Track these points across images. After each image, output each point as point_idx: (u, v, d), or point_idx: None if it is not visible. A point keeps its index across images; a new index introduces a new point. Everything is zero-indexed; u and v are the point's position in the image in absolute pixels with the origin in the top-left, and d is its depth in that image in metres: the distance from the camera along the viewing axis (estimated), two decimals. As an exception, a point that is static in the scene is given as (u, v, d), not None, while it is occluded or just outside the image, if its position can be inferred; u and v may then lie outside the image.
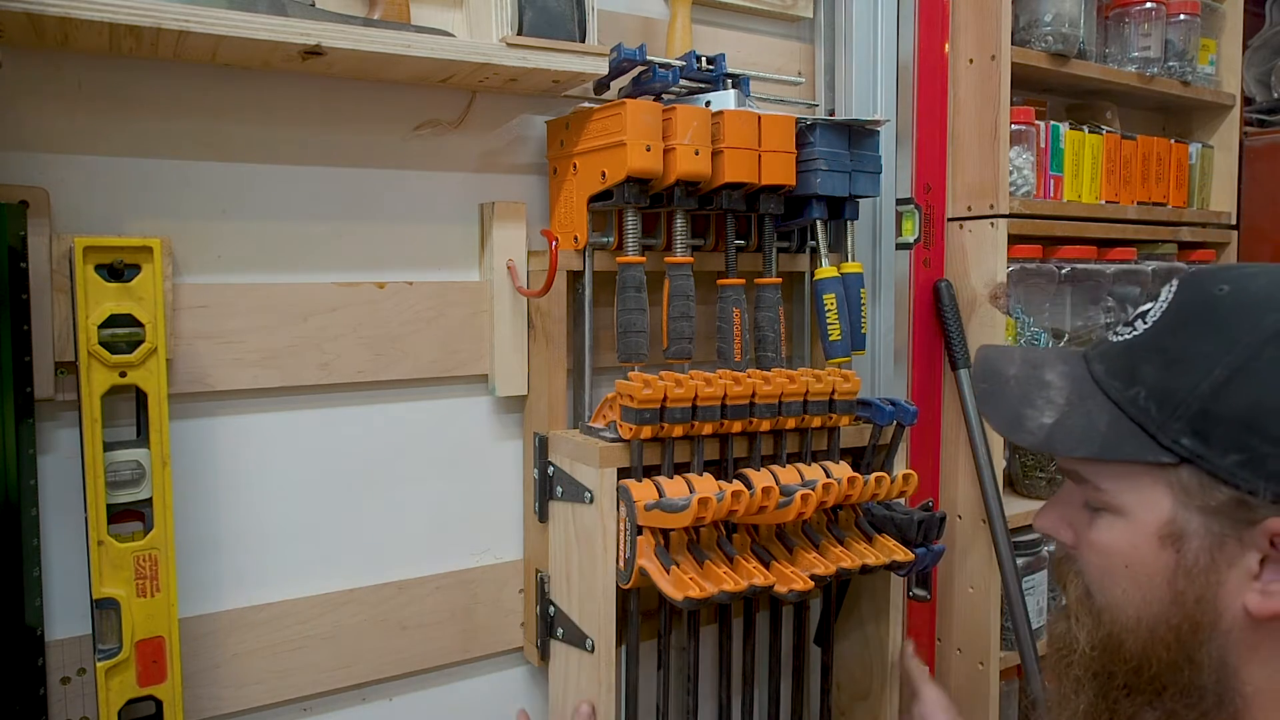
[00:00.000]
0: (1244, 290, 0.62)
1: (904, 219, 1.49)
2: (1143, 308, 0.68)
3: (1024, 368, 0.73)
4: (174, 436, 0.98)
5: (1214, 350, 0.60)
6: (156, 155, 1.01)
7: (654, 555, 1.03)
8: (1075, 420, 0.66)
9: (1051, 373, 0.70)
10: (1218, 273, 0.65)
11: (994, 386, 0.74)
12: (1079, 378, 0.68)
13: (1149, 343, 0.65)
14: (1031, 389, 0.70)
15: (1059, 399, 0.68)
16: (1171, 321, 0.64)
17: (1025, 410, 0.69)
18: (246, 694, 1.07)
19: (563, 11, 1.06)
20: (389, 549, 1.17)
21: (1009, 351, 0.77)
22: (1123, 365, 0.66)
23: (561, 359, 1.18)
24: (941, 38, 1.52)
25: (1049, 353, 0.74)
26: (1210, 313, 0.62)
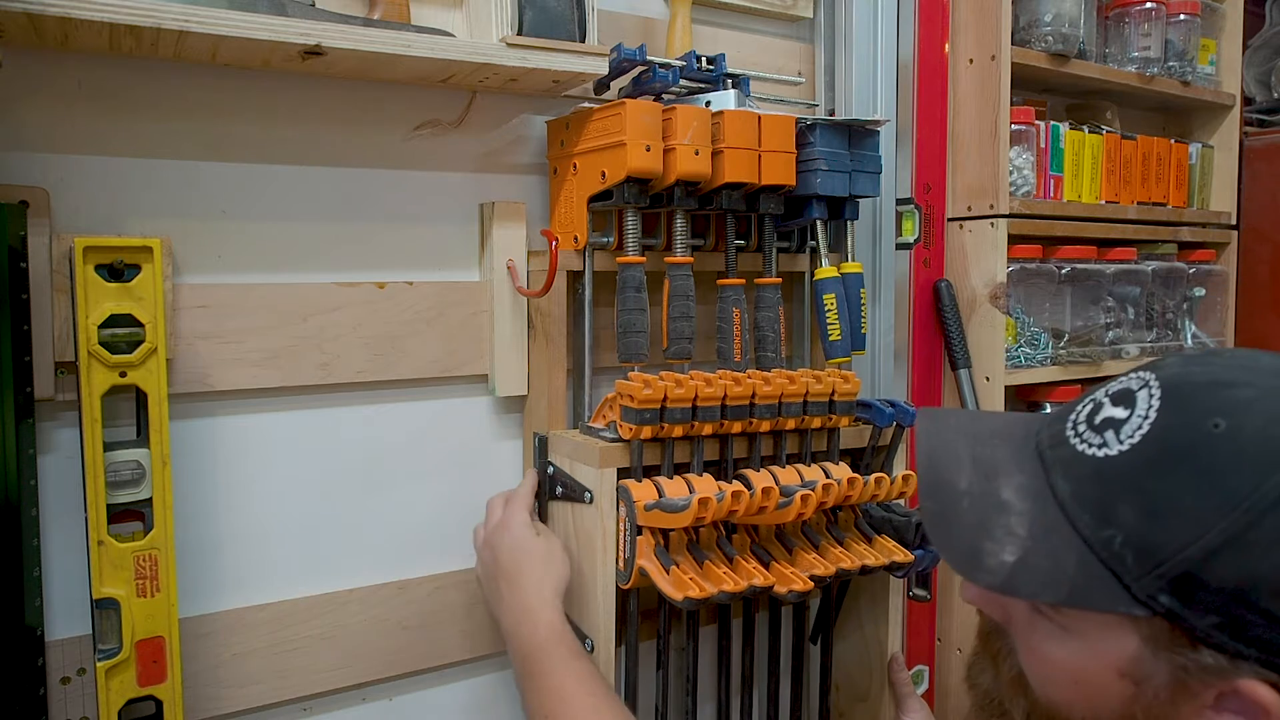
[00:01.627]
0: (1241, 430, 0.55)
1: (904, 219, 1.49)
2: (1114, 412, 0.60)
3: (977, 479, 0.64)
4: (174, 436, 0.98)
5: (1207, 510, 0.54)
6: (156, 155, 1.01)
7: (654, 555, 1.03)
8: (1040, 560, 0.59)
9: (1009, 488, 0.62)
10: (1210, 396, 0.57)
11: (944, 507, 0.65)
12: (1041, 497, 0.61)
13: (1126, 475, 0.57)
14: (989, 513, 0.62)
15: (1020, 529, 0.60)
16: (1155, 455, 0.57)
17: (983, 544, 0.61)
18: (246, 694, 1.07)
19: (563, 11, 1.06)
20: (389, 549, 1.17)
21: (955, 447, 0.67)
22: (1094, 495, 0.58)
23: (561, 359, 1.18)
24: (941, 38, 1.52)
25: (1003, 452, 0.65)
26: (1203, 458, 0.55)
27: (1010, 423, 0.69)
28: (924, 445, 0.69)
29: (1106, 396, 0.62)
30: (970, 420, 0.73)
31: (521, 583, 1.02)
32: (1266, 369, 0.58)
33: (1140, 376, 0.61)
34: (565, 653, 0.95)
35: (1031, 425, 0.66)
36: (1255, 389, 0.57)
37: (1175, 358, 0.62)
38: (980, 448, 0.66)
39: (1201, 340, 1.92)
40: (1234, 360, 0.60)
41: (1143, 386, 0.60)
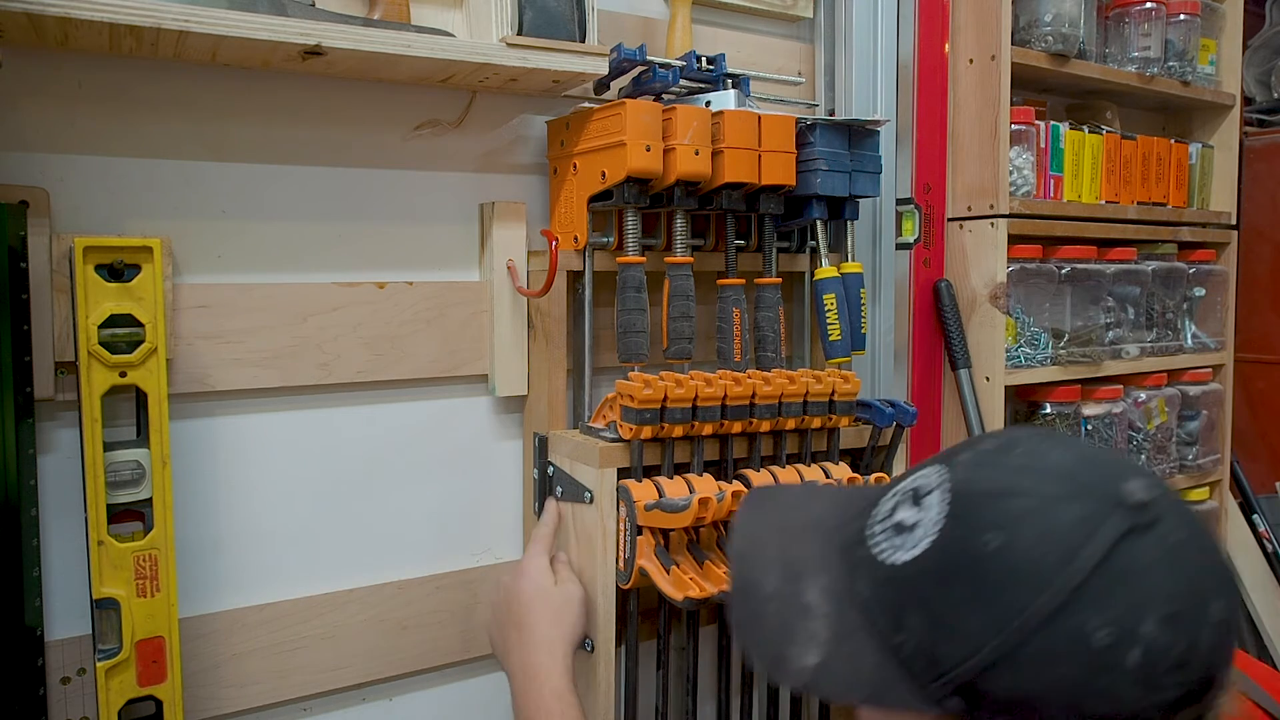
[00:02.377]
0: (1013, 548, 0.55)
1: (904, 219, 1.49)
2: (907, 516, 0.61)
3: (783, 581, 0.66)
4: (174, 436, 0.98)
5: (982, 627, 0.55)
6: (156, 155, 1.01)
7: (654, 555, 1.03)
8: (840, 664, 0.61)
9: (813, 590, 0.64)
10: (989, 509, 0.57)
11: (751, 612, 0.67)
12: (842, 600, 0.62)
13: (914, 584, 0.59)
14: (792, 617, 0.64)
15: (822, 633, 0.62)
16: (937, 568, 0.58)
17: (787, 649, 0.63)
18: (246, 694, 1.07)
19: (563, 11, 1.06)
20: (389, 549, 1.17)
21: (766, 546, 0.69)
22: (889, 600, 0.60)
23: (561, 359, 1.18)
24: (941, 38, 1.52)
25: (812, 549, 0.66)
26: (977, 575, 0.56)
27: (827, 510, 0.70)
28: (736, 545, 0.72)
29: (905, 494, 0.63)
30: (789, 509, 0.73)
31: (533, 636, 0.99)
32: (1051, 471, 0.58)
33: (938, 472, 0.62)
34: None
35: (848, 511, 0.68)
36: (1033, 498, 0.57)
37: (970, 454, 0.62)
38: (791, 545, 0.68)
39: (1201, 340, 1.92)
40: (1023, 460, 0.60)
41: (935, 488, 0.61)
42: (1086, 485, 0.57)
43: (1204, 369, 1.89)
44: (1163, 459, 1.81)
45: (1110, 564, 0.54)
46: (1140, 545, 0.54)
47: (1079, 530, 0.55)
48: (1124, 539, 0.54)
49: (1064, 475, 0.58)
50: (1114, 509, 0.55)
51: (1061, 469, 0.58)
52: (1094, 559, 0.54)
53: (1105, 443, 1.68)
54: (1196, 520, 0.58)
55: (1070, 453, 0.60)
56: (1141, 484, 0.56)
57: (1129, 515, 0.55)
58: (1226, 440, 1.97)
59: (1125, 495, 0.55)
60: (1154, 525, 0.55)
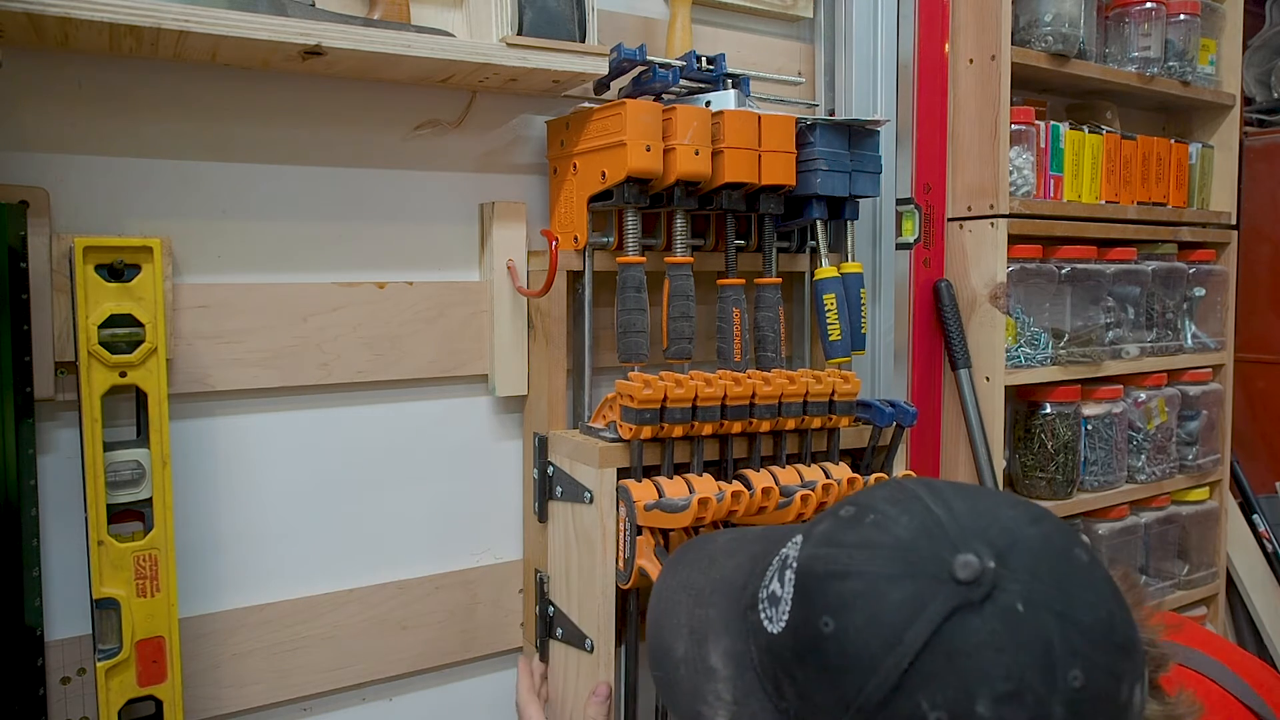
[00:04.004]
0: (845, 632, 0.55)
1: (904, 219, 1.49)
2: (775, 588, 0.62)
3: (691, 645, 0.68)
4: (174, 436, 0.98)
5: (832, 705, 0.55)
6: (157, 155, 1.01)
7: (654, 555, 1.03)
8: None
9: (716, 653, 0.66)
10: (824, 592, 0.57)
11: (667, 674, 0.70)
12: (741, 662, 0.64)
13: (782, 656, 0.60)
14: (700, 680, 0.66)
15: (726, 694, 0.64)
16: (792, 644, 0.59)
17: (700, 708, 0.65)
18: (246, 694, 1.07)
19: (563, 11, 1.06)
20: (389, 549, 1.17)
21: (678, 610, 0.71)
22: (770, 667, 0.61)
23: (561, 359, 1.18)
24: (941, 38, 1.52)
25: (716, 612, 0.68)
26: (820, 656, 0.56)
27: (736, 569, 0.71)
28: (652, 609, 0.74)
29: (779, 562, 0.64)
30: (704, 566, 0.74)
31: None
32: (887, 547, 0.57)
33: (795, 546, 0.63)
34: None
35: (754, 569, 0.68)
36: (864, 580, 0.56)
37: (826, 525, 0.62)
38: (698, 608, 0.70)
39: (1201, 340, 1.92)
40: (867, 534, 0.58)
41: (792, 563, 0.61)
42: (917, 562, 0.55)
43: (1204, 369, 1.89)
44: (1163, 459, 1.81)
45: (936, 645, 0.52)
46: (968, 623, 0.52)
47: (904, 611, 0.53)
48: (951, 618, 0.53)
49: (899, 551, 0.56)
50: (940, 586, 0.53)
51: (899, 543, 0.57)
52: (919, 641, 0.52)
53: (1105, 443, 1.69)
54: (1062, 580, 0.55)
55: (917, 520, 0.58)
56: (978, 557, 0.53)
57: (956, 593, 0.53)
58: (1226, 440, 1.97)
59: (955, 570, 0.53)
60: (987, 600, 0.53)
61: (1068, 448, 1.63)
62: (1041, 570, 0.54)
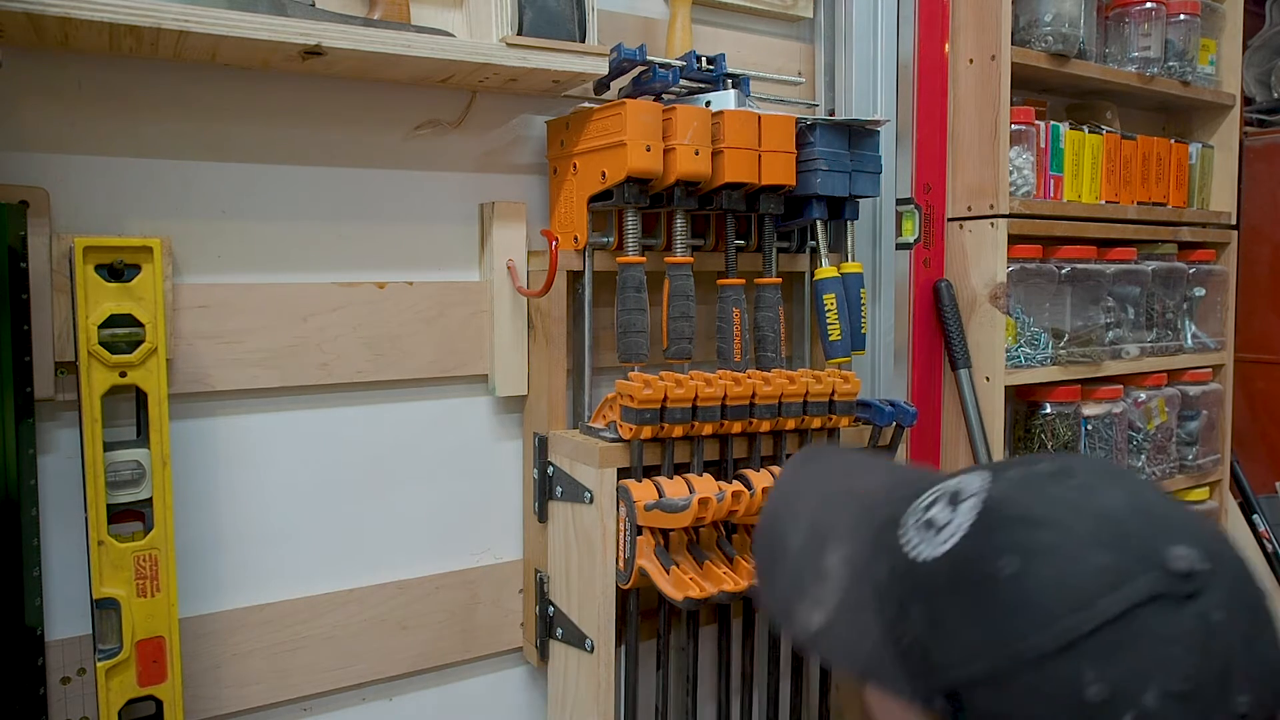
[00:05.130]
0: (1026, 579, 0.54)
1: (904, 219, 1.49)
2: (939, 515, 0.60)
3: (809, 540, 0.67)
4: (174, 436, 0.98)
5: (975, 644, 0.54)
6: (156, 155, 1.01)
7: (654, 555, 1.03)
8: (842, 631, 0.62)
9: (834, 555, 0.65)
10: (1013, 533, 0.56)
11: (772, 560, 0.68)
12: (860, 575, 0.62)
13: (927, 584, 0.58)
14: (807, 576, 0.65)
15: (831, 599, 0.63)
16: (950, 575, 0.57)
17: (796, 604, 0.65)
18: (246, 694, 1.07)
19: (563, 11, 1.06)
20: (389, 549, 1.17)
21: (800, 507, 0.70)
22: (900, 591, 0.60)
23: (561, 359, 1.18)
24: (941, 38, 1.52)
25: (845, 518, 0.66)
26: (987, 594, 0.55)
27: (874, 486, 0.70)
28: (774, 496, 0.73)
29: (945, 493, 0.62)
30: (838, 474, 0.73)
31: None
32: (1094, 513, 0.56)
33: (981, 480, 0.61)
34: None
35: (894, 494, 0.67)
36: (1062, 535, 0.55)
37: (1020, 471, 0.61)
38: (826, 510, 0.69)
39: (1201, 340, 1.92)
40: (1071, 494, 0.57)
41: (973, 495, 0.60)
42: (1127, 537, 0.54)
43: (1204, 369, 1.89)
44: (1163, 459, 1.81)
45: (1128, 622, 0.52)
46: (1167, 614, 0.52)
47: (1101, 580, 0.53)
48: (1150, 603, 0.52)
49: (1107, 520, 0.56)
50: (1149, 569, 0.53)
51: (1107, 513, 0.56)
52: (1111, 612, 0.52)
53: (1105, 443, 1.69)
54: (1256, 606, 0.54)
55: (1127, 498, 0.57)
56: (1195, 553, 0.53)
57: (1164, 580, 0.52)
58: (1226, 440, 1.97)
59: (1168, 559, 0.53)
60: (1193, 598, 0.52)
61: (1068, 448, 1.63)
62: (1240, 589, 0.54)
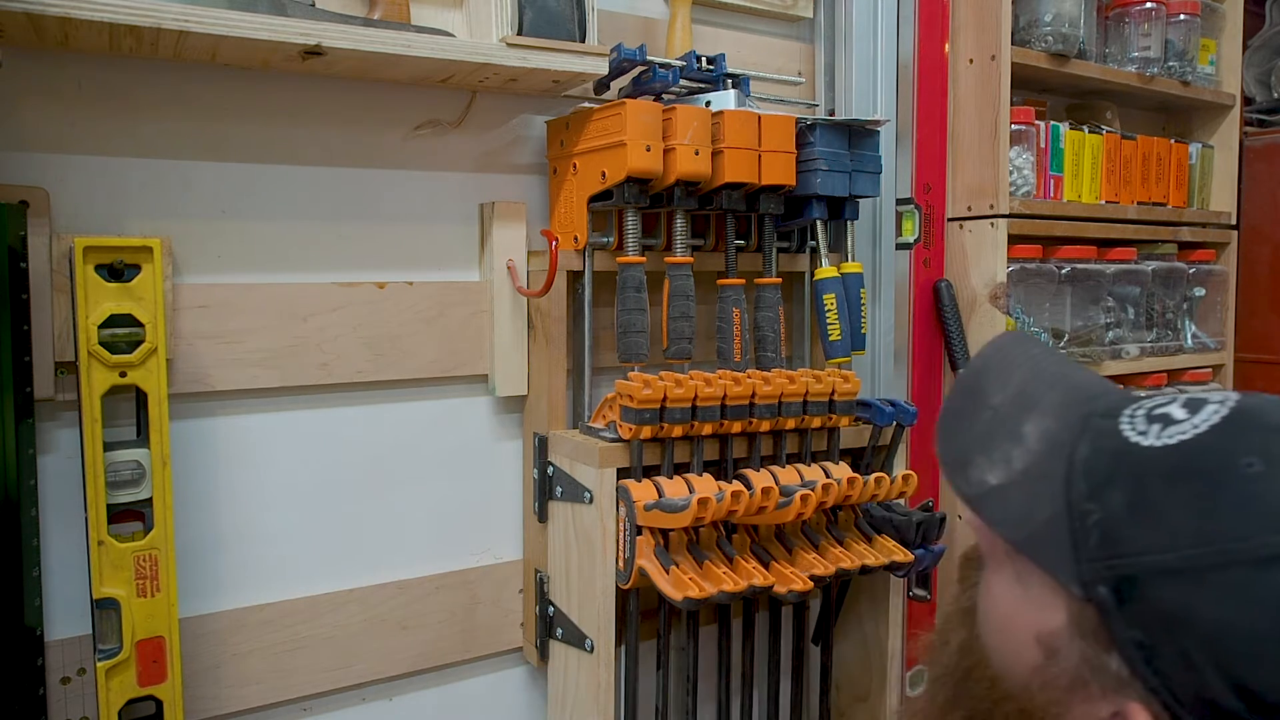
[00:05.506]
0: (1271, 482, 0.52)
1: (904, 219, 1.49)
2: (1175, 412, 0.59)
3: (1013, 402, 0.64)
4: (174, 436, 0.98)
5: (1186, 531, 0.53)
6: (156, 155, 1.01)
7: (653, 555, 1.03)
8: (1017, 496, 0.60)
9: (1034, 425, 0.62)
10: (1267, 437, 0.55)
11: (965, 409, 0.66)
12: (1057, 448, 0.60)
13: (1140, 468, 0.56)
14: (999, 434, 0.62)
15: (1018, 462, 0.60)
16: (1178, 463, 0.55)
17: (976, 456, 0.62)
18: (246, 694, 1.07)
19: (563, 11, 1.06)
20: (389, 549, 1.17)
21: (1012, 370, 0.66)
22: (1102, 470, 0.57)
23: (561, 359, 1.18)
24: (941, 38, 1.52)
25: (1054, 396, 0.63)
26: (1217, 485, 0.53)
27: (1086, 379, 0.67)
28: (986, 353, 0.69)
29: (1182, 400, 0.60)
30: (1047, 359, 0.69)
31: None
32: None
33: (1224, 396, 0.60)
34: None
35: (1106, 393, 0.65)
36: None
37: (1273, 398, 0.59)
38: (1037, 382, 0.65)
39: (1201, 340, 1.92)
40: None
41: (1217, 402, 0.58)
42: None
43: (1204, 369, 1.89)
44: (1163, 459, 1.81)
45: None
46: None
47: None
48: None
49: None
50: None
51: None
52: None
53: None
54: None
55: None
56: None
57: None
58: (1227, 440, 1.97)
59: None
60: None
61: (1068, 448, 1.63)
62: None
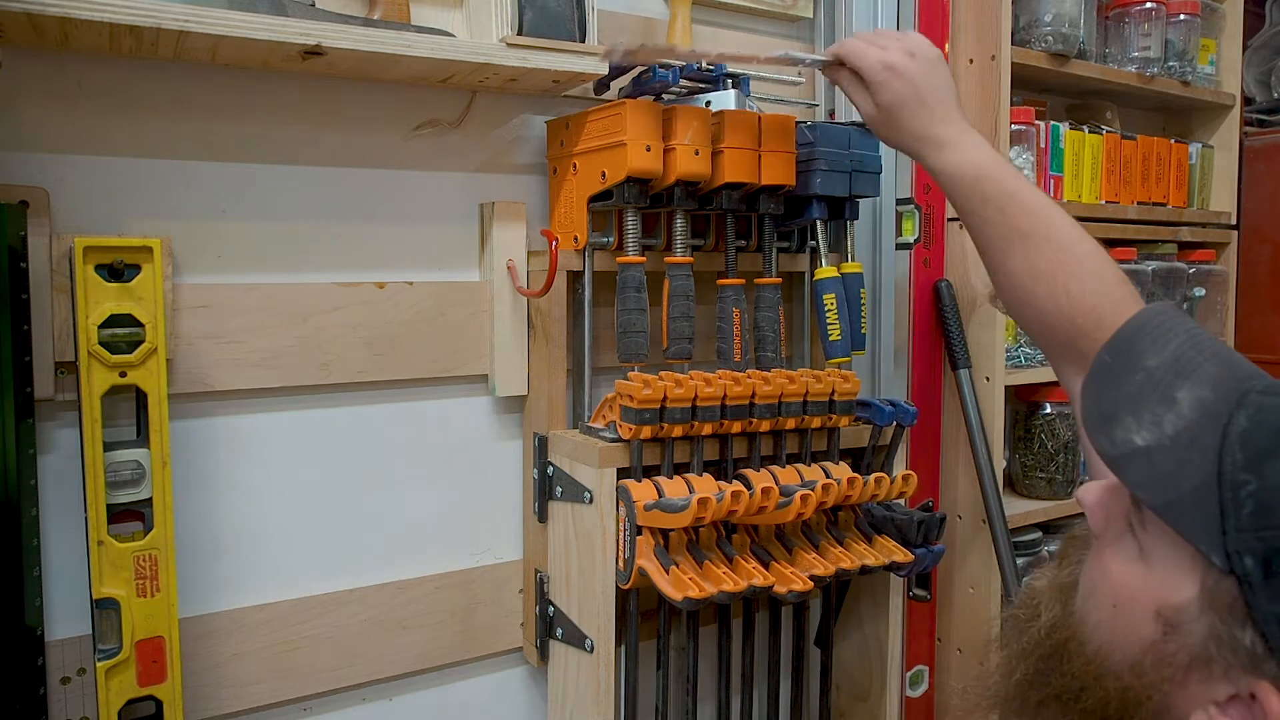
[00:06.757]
0: None
1: (904, 219, 1.49)
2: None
3: (1166, 367, 0.61)
4: (174, 436, 0.98)
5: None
6: (156, 155, 1.01)
7: (653, 555, 1.03)
8: (1165, 460, 0.57)
9: (1189, 392, 0.59)
10: None
11: (1117, 367, 0.62)
12: (1211, 418, 0.57)
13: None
14: (1151, 399, 0.59)
15: (1169, 428, 0.58)
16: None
17: (1124, 415, 0.59)
18: (246, 694, 1.07)
19: (563, 11, 1.06)
20: (389, 549, 1.17)
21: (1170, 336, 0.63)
22: (1262, 443, 0.55)
23: (561, 359, 1.18)
24: (941, 38, 1.52)
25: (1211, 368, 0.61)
26: None
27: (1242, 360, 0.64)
28: (1141, 316, 0.66)
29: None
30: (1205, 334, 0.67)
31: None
32: None
33: None
34: None
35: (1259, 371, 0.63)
36: None
37: None
38: (1193, 350, 0.62)
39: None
40: None
41: None
42: None
43: (1204, 369, 1.89)
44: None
45: None
46: None
47: None
48: None
49: None
50: None
51: None
52: None
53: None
54: None
55: None
56: None
57: None
58: (1227, 440, 1.96)
59: None
60: None
61: (1068, 448, 1.63)
62: None
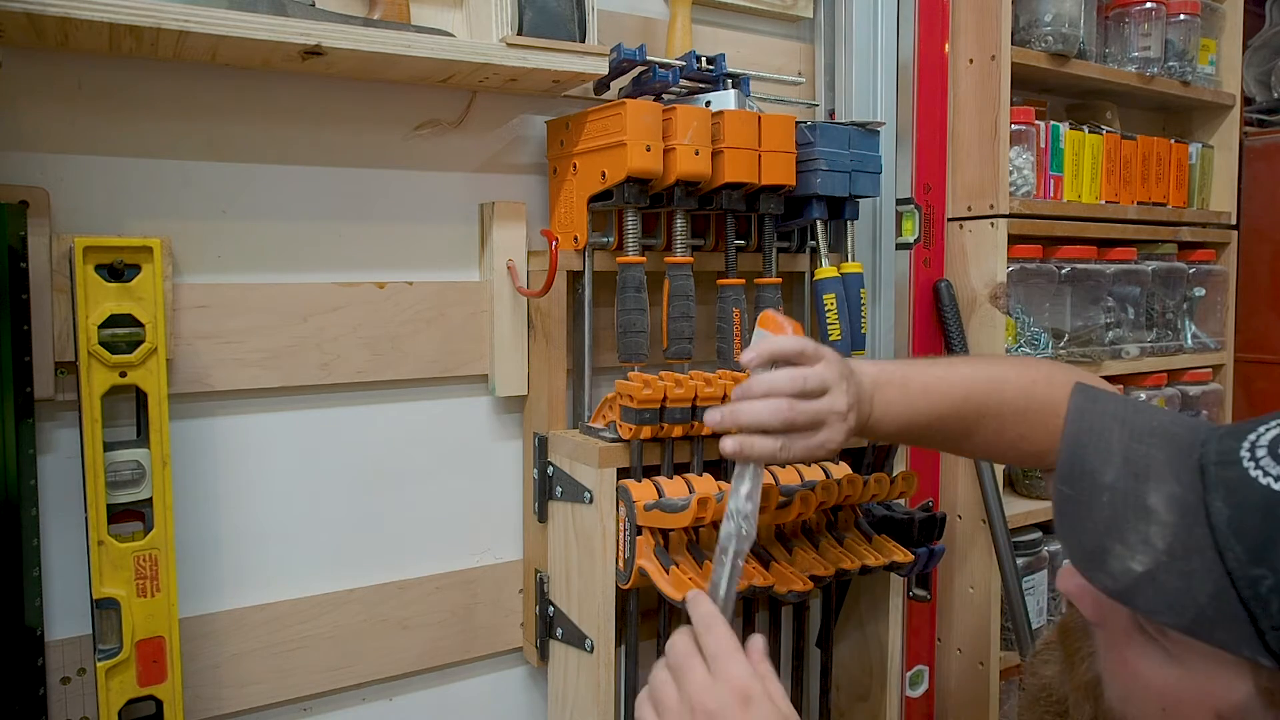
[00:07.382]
0: None
1: (904, 219, 1.49)
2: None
3: (1124, 476, 0.58)
4: (174, 436, 0.98)
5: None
6: (156, 155, 1.01)
7: (653, 555, 1.03)
8: (1171, 579, 0.54)
9: (1158, 494, 0.56)
10: None
11: (1080, 496, 0.59)
12: (1191, 514, 0.55)
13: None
14: (1127, 515, 0.57)
15: (1159, 541, 0.55)
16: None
17: (1113, 545, 0.56)
18: (246, 694, 1.07)
19: (563, 11, 1.06)
20: (389, 549, 1.17)
21: (1108, 437, 0.61)
22: (1255, 528, 0.52)
23: (561, 359, 1.18)
24: (941, 38, 1.52)
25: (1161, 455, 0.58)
26: None
27: (1173, 423, 0.62)
28: (1074, 427, 0.63)
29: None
30: (1130, 410, 0.64)
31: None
32: None
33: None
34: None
35: (1198, 433, 0.60)
36: None
37: None
38: (1136, 444, 0.60)
39: (1201, 340, 1.92)
40: None
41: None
42: None
43: (1204, 369, 1.89)
44: (1163, 459, 1.81)
45: None
46: None
47: None
48: None
49: None
50: None
51: None
52: None
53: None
54: None
55: None
56: None
57: None
58: (1227, 440, 1.96)
59: None
60: None
61: (1068, 448, 1.62)
62: None
